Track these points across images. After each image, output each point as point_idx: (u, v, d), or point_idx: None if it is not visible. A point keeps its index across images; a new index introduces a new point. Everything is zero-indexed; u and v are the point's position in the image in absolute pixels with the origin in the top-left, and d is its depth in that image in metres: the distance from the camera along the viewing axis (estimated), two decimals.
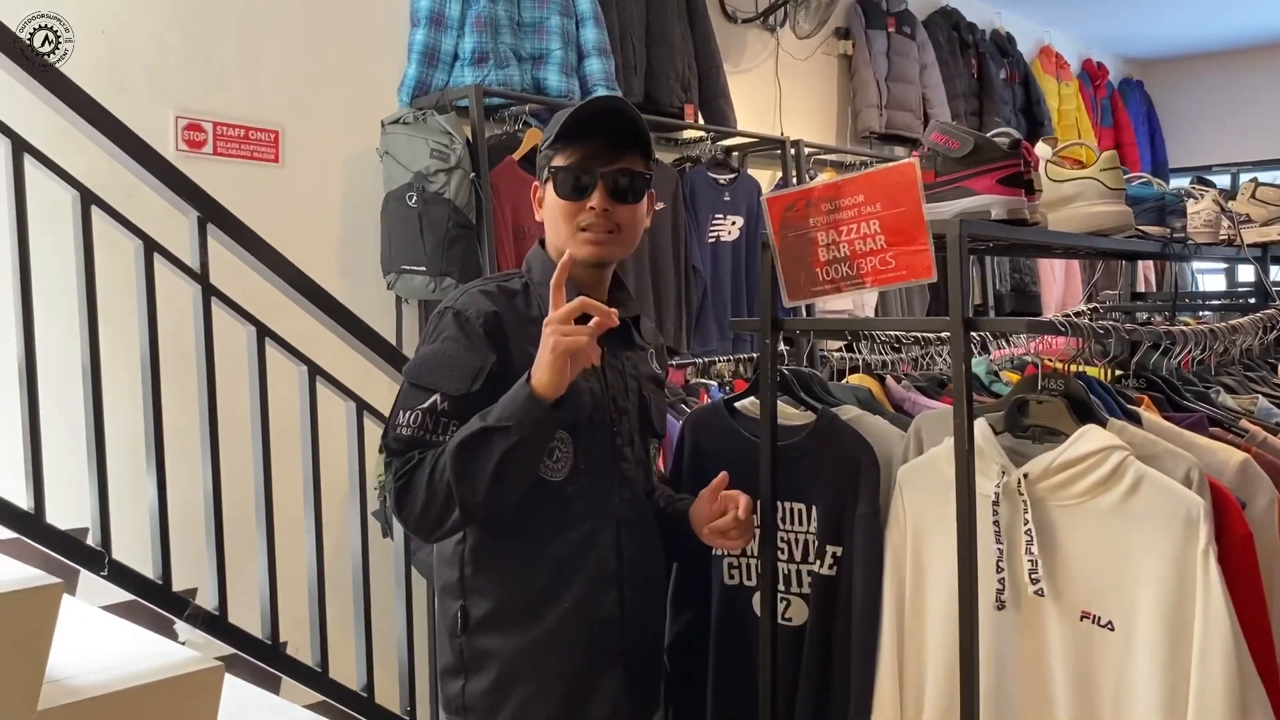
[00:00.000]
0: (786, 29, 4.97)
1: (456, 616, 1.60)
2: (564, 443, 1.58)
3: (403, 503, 1.50)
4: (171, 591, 2.19)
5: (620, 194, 1.61)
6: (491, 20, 3.59)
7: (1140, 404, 1.71)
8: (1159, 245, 2.15)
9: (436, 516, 1.48)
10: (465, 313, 1.56)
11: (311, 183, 3.38)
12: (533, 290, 1.64)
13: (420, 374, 1.54)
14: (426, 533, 1.53)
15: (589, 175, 1.59)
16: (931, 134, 1.70)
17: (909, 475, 1.68)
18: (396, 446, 1.52)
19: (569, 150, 1.61)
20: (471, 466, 1.44)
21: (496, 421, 1.45)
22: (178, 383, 2.31)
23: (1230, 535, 1.43)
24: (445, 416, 1.50)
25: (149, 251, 2.15)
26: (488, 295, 1.59)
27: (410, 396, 1.53)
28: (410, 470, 1.49)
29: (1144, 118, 7.71)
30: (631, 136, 1.62)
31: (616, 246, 1.63)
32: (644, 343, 1.76)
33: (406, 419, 1.51)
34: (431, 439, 1.50)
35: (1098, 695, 1.49)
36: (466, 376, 1.52)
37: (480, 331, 1.54)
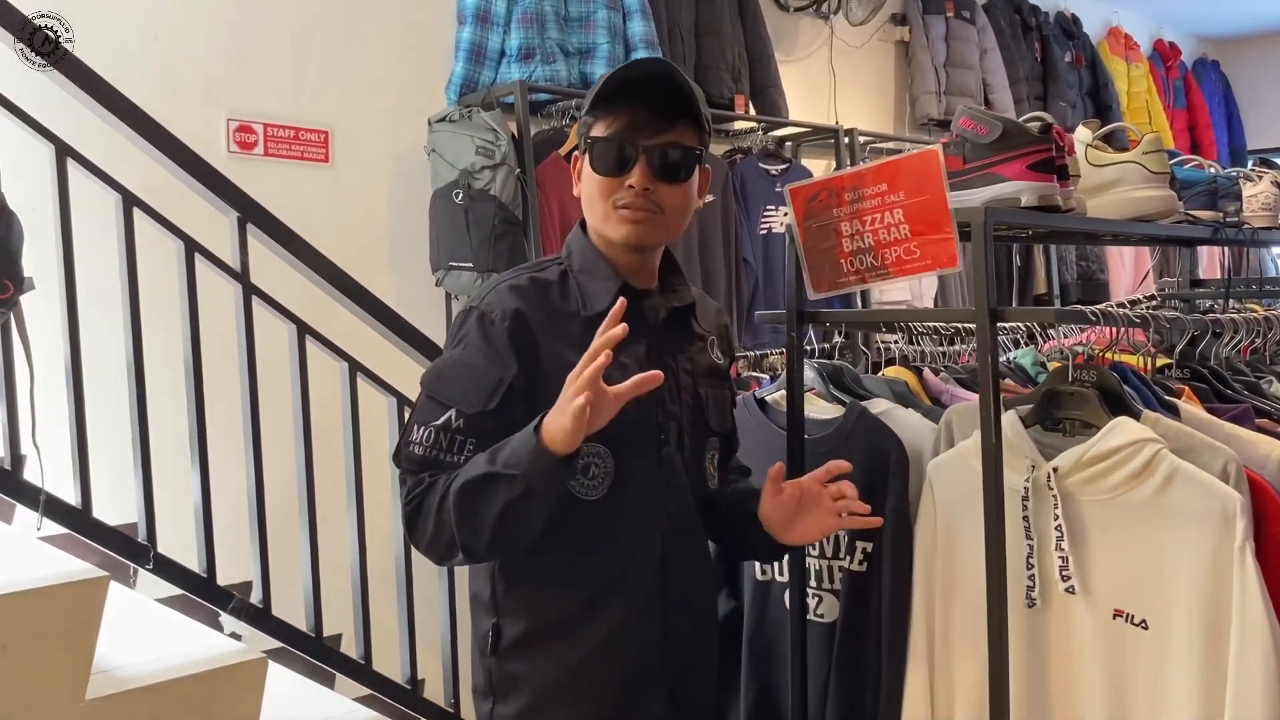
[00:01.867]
0: (840, 16, 4.90)
1: (488, 635, 1.46)
2: (601, 458, 1.41)
3: (413, 527, 1.38)
4: (216, 585, 2.23)
5: (667, 171, 1.42)
6: (538, 16, 3.60)
7: (1180, 395, 1.65)
8: (1210, 230, 2.07)
9: (444, 549, 1.37)
10: (490, 314, 1.41)
11: (361, 182, 3.42)
12: (571, 278, 1.47)
13: (437, 386, 1.41)
14: (438, 560, 1.42)
15: (631, 148, 1.41)
16: (959, 119, 1.65)
17: (939, 469, 1.64)
18: (409, 466, 1.40)
19: (610, 118, 1.42)
20: (474, 512, 1.32)
21: (503, 468, 1.30)
22: (221, 380, 2.35)
23: (1270, 531, 1.38)
24: (461, 434, 1.37)
25: (190, 252, 2.20)
26: (516, 292, 1.43)
27: (426, 411, 1.40)
28: (421, 494, 1.37)
29: (1220, 99, 7.45)
30: (682, 105, 1.43)
31: (659, 230, 1.45)
32: (703, 330, 1.58)
33: (420, 436, 1.38)
34: (445, 458, 1.37)
35: (1132, 696, 1.45)
36: (484, 392, 1.37)
37: (504, 335, 1.39)
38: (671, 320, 1.51)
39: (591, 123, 1.45)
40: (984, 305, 1.48)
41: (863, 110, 5.10)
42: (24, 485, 2.04)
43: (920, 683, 1.62)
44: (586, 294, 1.44)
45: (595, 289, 1.44)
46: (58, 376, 2.12)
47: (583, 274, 1.46)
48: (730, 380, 1.65)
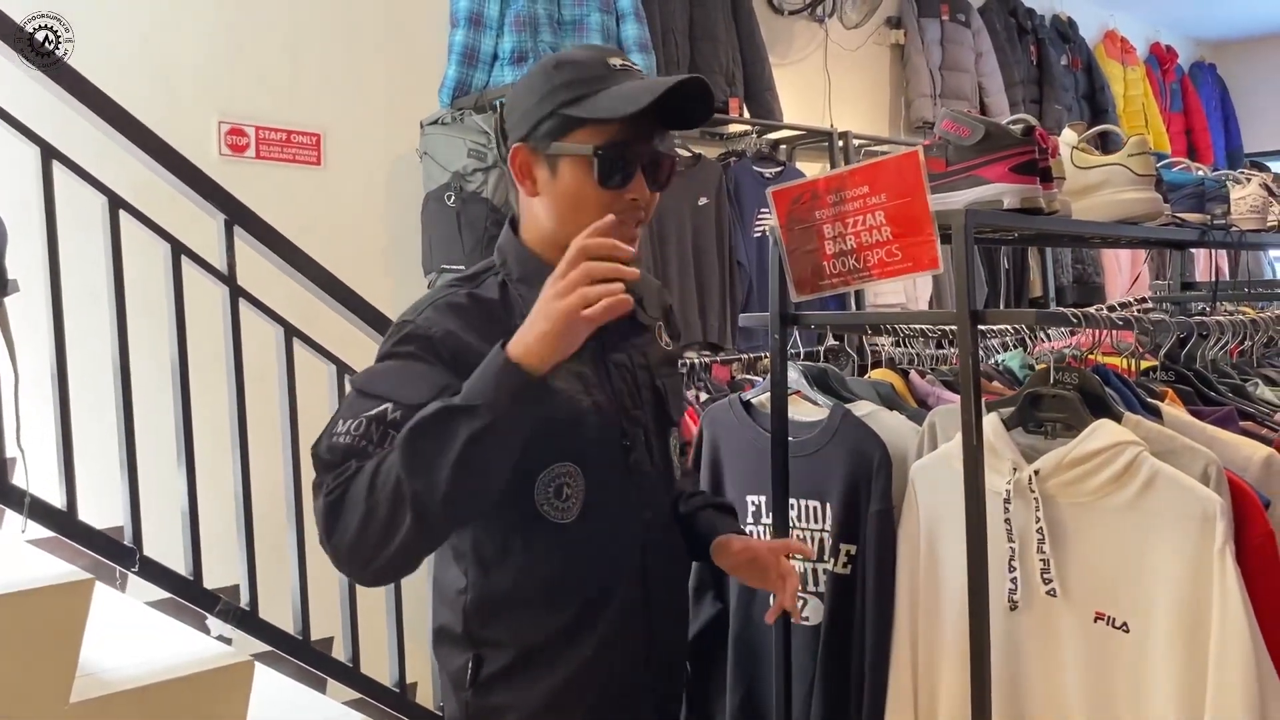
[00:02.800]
0: (834, 20, 4.90)
1: (465, 668, 1.34)
2: (573, 478, 1.31)
3: (333, 523, 1.17)
4: (203, 588, 2.23)
5: (658, 180, 1.33)
6: (531, 19, 3.60)
7: (1163, 398, 1.65)
8: (1198, 233, 2.07)
9: (379, 534, 1.15)
10: (428, 331, 1.27)
11: (353, 184, 3.42)
12: (511, 290, 1.35)
13: (371, 382, 1.25)
14: (363, 561, 1.18)
15: (636, 159, 1.29)
16: (942, 122, 1.65)
17: (922, 472, 1.64)
18: (330, 457, 1.20)
19: (617, 125, 1.27)
20: (428, 453, 1.13)
21: (462, 401, 1.14)
22: (208, 382, 2.35)
23: (1250, 534, 1.37)
24: (394, 429, 1.19)
25: (176, 254, 2.20)
26: (455, 311, 1.29)
27: (356, 404, 1.23)
28: (345, 482, 1.17)
29: (1217, 102, 7.46)
30: (682, 112, 1.32)
31: (638, 238, 1.36)
32: (650, 318, 1.49)
33: (346, 426, 1.20)
34: (374, 450, 1.19)
35: (1113, 699, 1.44)
36: (424, 388, 1.22)
37: (447, 356, 1.26)
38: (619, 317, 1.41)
39: (579, 124, 1.27)
40: (964, 307, 1.48)
41: (857, 113, 5.10)
42: (9, 488, 2.03)
43: (904, 684, 1.62)
44: (530, 307, 1.26)
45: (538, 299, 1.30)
46: (43, 379, 2.12)
47: (523, 283, 1.34)
48: (679, 362, 1.59)
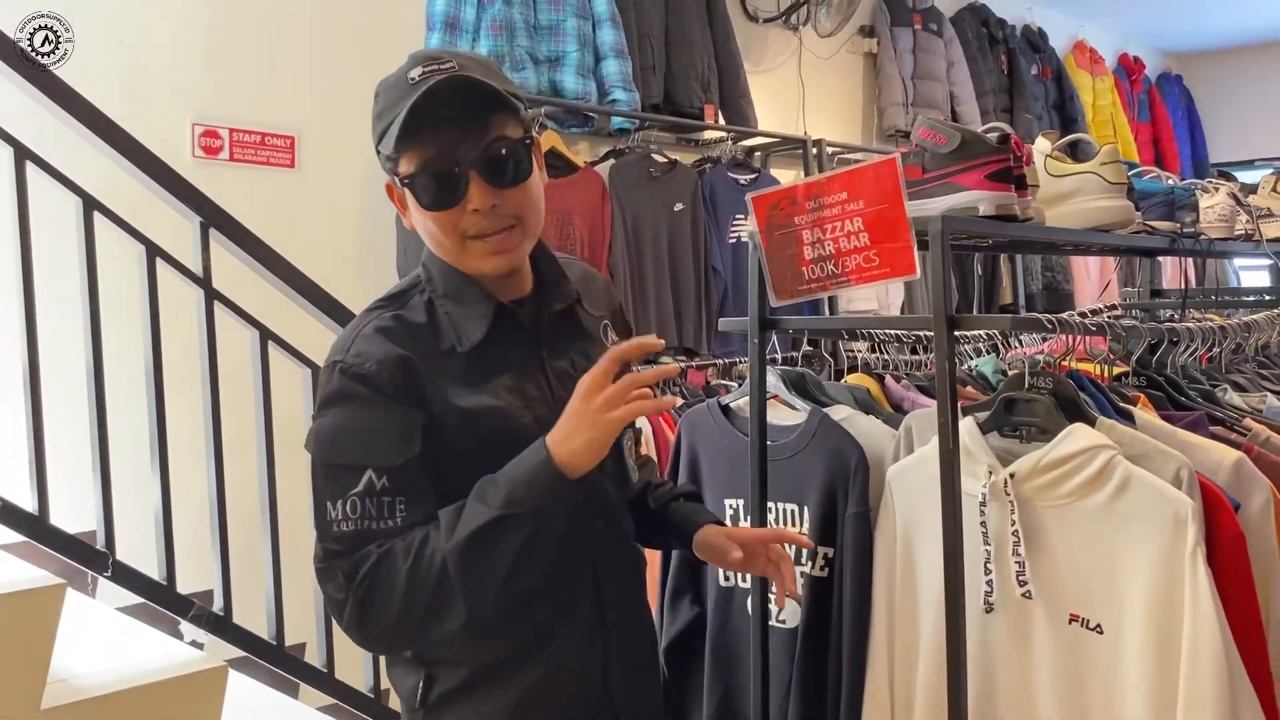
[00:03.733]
0: (809, 28, 4.93)
1: (417, 688, 1.29)
2: None
3: (367, 609, 1.16)
4: (176, 592, 2.21)
5: (502, 176, 1.23)
6: (507, 23, 3.60)
7: (1136, 402, 1.67)
8: (1168, 241, 2.10)
9: (418, 626, 1.17)
10: (362, 367, 1.20)
11: (328, 188, 3.41)
12: (438, 309, 1.28)
13: (336, 452, 1.20)
14: (402, 644, 1.24)
15: (456, 169, 1.21)
16: (918, 130, 1.67)
17: (898, 475, 1.66)
18: (340, 548, 1.17)
19: (415, 148, 1.22)
20: (483, 570, 1.14)
21: (508, 507, 1.14)
22: (183, 386, 2.34)
23: (1221, 536, 1.40)
24: (388, 495, 1.17)
25: (152, 256, 2.18)
26: (385, 335, 1.23)
27: (334, 482, 1.18)
28: (373, 569, 1.15)
29: (1183, 113, 7.57)
30: (488, 102, 1.23)
31: (523, 240, 1.27)
32: (592, 319, 1.42)
33: (340, 511, 1.17)
34: (379, 525, 1.17)
35: (1087, 699, 1.46)
36: (397, 440, 1.19)
37: (388, 385, 1.20)
38: (557, 321, 1.36)
39: (395, 158, 1.23)
40: (941, 312, 1.49)
41: (831, 121, 5.14)
42: None
43: (881, 686, 1.64)
44: (459, 325, 1.26)
45: (467, 317, 1.27)
46: (15, 381, 2.10)
47: (449, 300, 1.28)
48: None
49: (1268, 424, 1.74)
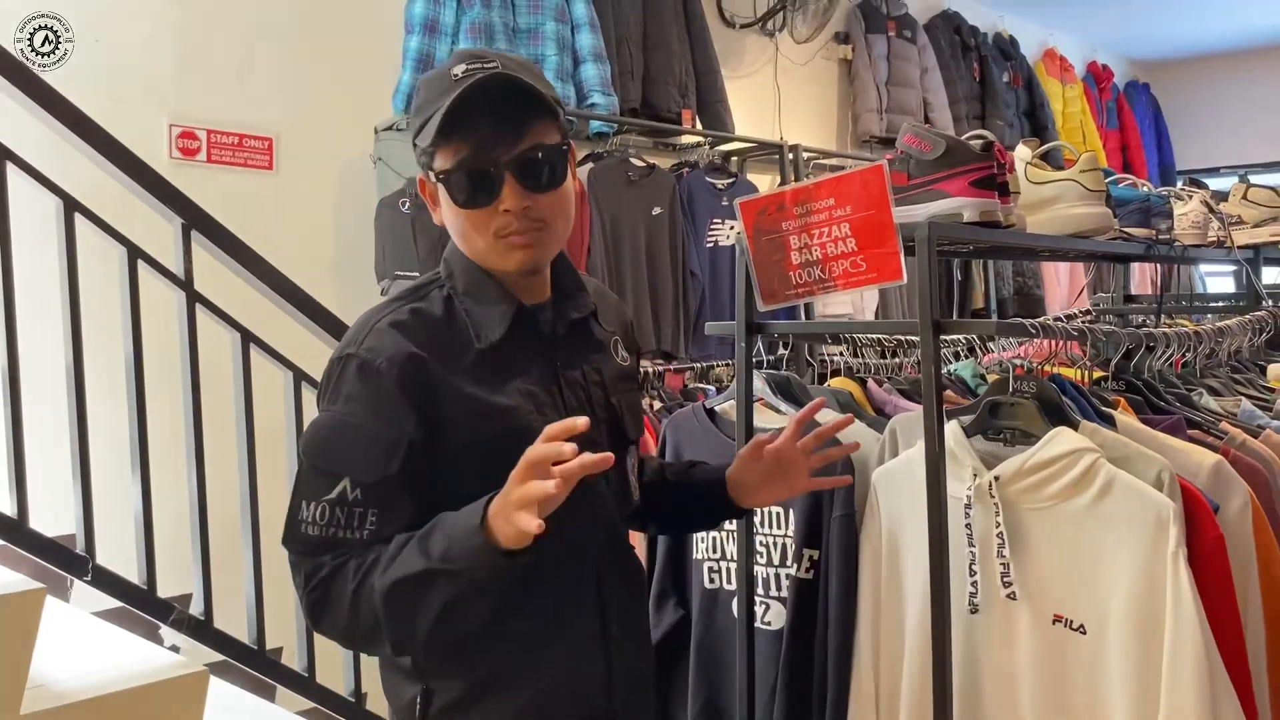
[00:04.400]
0: (785, 34, 4.97)
1: (415, 701, 1.27)
2: None
3: (319, 616, 1.20)
4: (157, 597, 2.19)
5: (537, 181, 1.24)
6: (486, 27, 3.60)
7: (1116, 406, 1.70)
8: (1144, 247, 2.14)
9: (363, 639, 1.21)
10: (373, 362, 1.20)
11: (305, 189, 3.40)
12: (457, 305, 1.28)
13: (322, 455, 1.21)
14: (353, 648, 1.32)
15: (493, 169, 1.22)
16: (904, 137, 1.69)
17: (884, 478, 1.68)
18: (303, 549, 1.21)
19: (453, 144, 1.22)
20: (411, 613, 1.16)
21: (440, 562, 1.13)
22: (164, 389, 2.32)
23: (1201, 538, 1.42)
24: (360, 506, 1.19)
25: (133, 258, 2.17)
26: (399, 329, 1.23)
27: (313, 484, 1.21)
28: (325, 580, 1.19)
29: (1150, 120, 7.68)
30: (531, 105, 1.24)
31: (549, 243, 1.28)
32: (606, 332, 1.42)
33: (311, 514, 1.19)
34: (344, 535, 1.19)
35: (1070, 699, 1.48)
36: (380, 456, 1.19)
37: (394, 386, 1.20)
38: (572, 331, 1.36)
39: (432, 152, 1.24)
40: (928, 317, 1.52)
41: (806, 127, 5.17)
42: None
43: (866, 687, 1.65)
44: (478, 322, 1.27)
45: (487, 315, 1.28)
46: None
47: (469, 298, 1.28)
48: (638, 380, 1.54)
49: (1243, 427, 1.78)
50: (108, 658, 2.16)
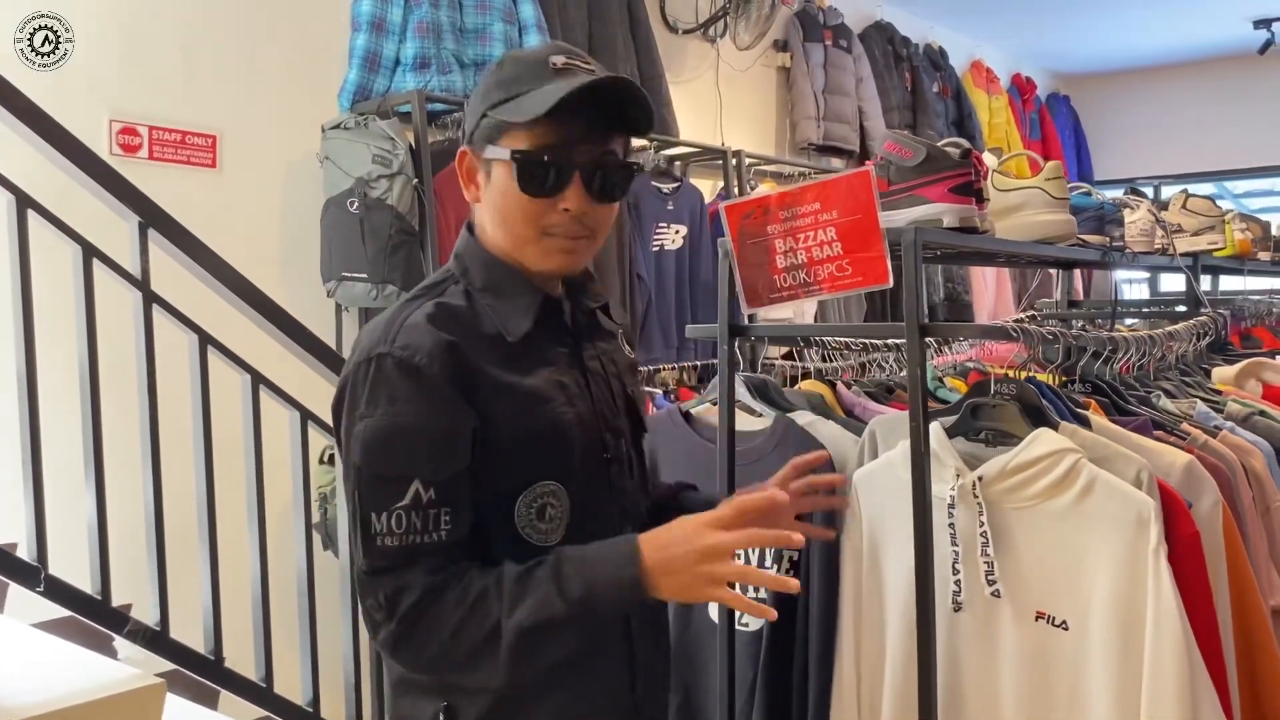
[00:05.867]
0: (727, 40, 5.01)
1: (436, 718, 1.23)
2: (557, 496, 1.23)
3: (406, 644, 1.14)
4: (111, 607, 2.12)
5: (605, 192, 1.23)
6: (434, 26, 3.57)
7: (1088, 408, 1.75)
8: (1099, 253, 2.20)
9: (452, 671, 1.17)
10: (412, 359, 1.15)
11: (250, 188, 3.32)
12: (476, 300, 1.25)
13: (382, 461, 1.15)
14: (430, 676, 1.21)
15: (567, 166, 1.20)
16: (885, 143, 1.72)
17: (865, 479, 1.70)
18: (385, 564, 1.14)
19: (541, 128, 1.18)
20: (539, 653, 1.13)
21: (582, 606, 1.12)
22: (117, 392, 2.25)
23: (1179, 535, 1.47)
24: (434, 507, 1.14)
25: (88, 257, 2.09)
26: (434, 322, 1.19)
27: (378, 493, 1.14)
28: (417, 607, 1.13)
29: (1070, 131, 7.92)
30: (625, 116, 1.24)
31: (588, 254, 1.27)
32: (614, 325, 1.42)
33: (385, 524, 1.13)
34: (424, 540, 1.14)
35: (1052, 693, 1.52)
36: (446, 451, 1.15)
37: (441, 380, 1.15)
38: (588, 322, 1.36)
39: (506, 127, 1.20)
40: (914, 321, 1.54)
41: (747, 133, 5.22)
42: None
43: (849, 687, 1.67)
44: (502, 315, 1.24)
45: (512, 309, 1.25)
46: None
47: (488, 293, 1.25)
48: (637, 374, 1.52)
49: (1202, 428, 1.84)
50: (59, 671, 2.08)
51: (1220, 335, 2.60)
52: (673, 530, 1.15)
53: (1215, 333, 2.41)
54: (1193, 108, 7.82)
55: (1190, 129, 7.81)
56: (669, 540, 1.13)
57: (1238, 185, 8.29)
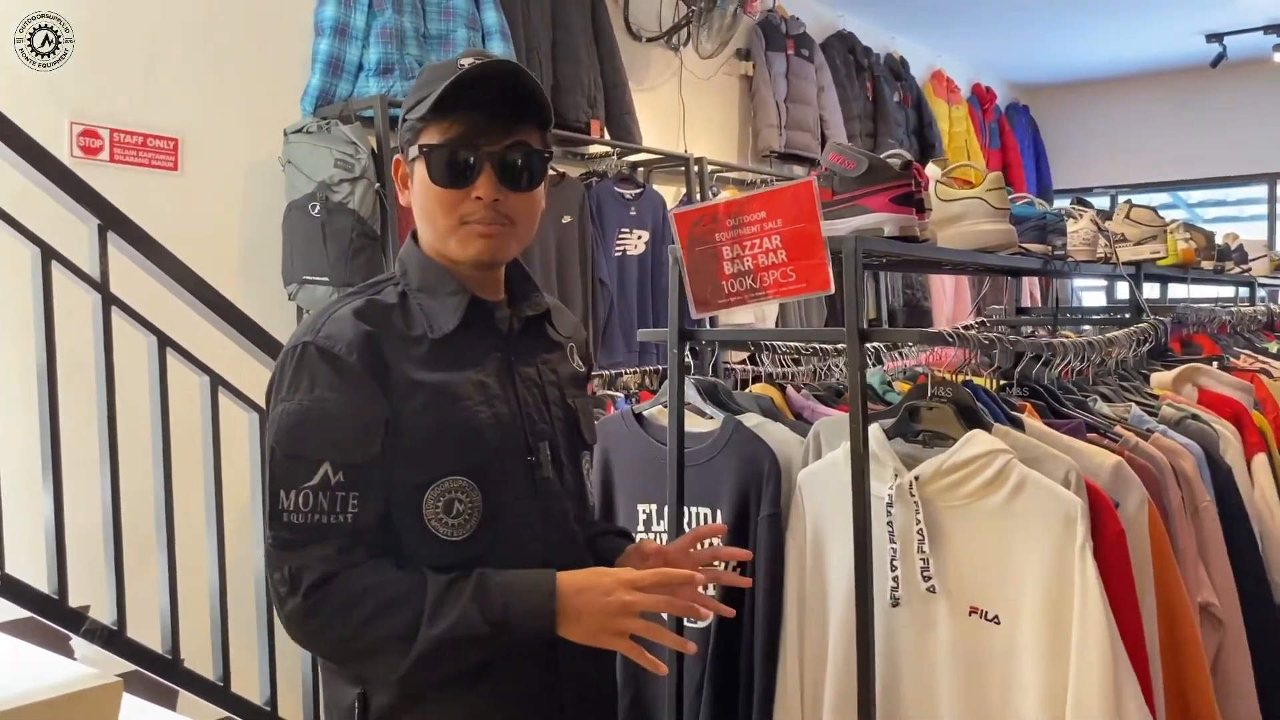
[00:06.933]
0: (690, 49, 5.07)
1: (353, 707, 1.27)
2: (466, 492, 1.26)
3: (309, 621, 1.19)
4: (68, 607, 2.14)
5: (514, 178, 1.28)
6: (397, 32, 3.60)
7: (1023, 411, 1.81)
8: (1041, 262, 2.27)
9: (351, 657, 1.22)
10: (333, 349, 1.21)
11: (211, 191, 3.34)
12: (411, 300, 1.31)
13: (297, 441, 1.20)
14: (330, 659, 1.27)
15: (474, 156, 1.26)
16: (829, 154, 1.77)
17: (809, 479, 1.75)
18: (291, 537, 1.18)
19: (445, 122, 1.26)
20: (446, 663, 1.20)
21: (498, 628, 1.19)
22: (75, 393, 2.26)
23: (1105, 533, 1.53)
24: (342, 490, 1.19)
25: (47, 259, 2.11)
26: (358, 315, 1.25)
27: (288, 472, 1.19)
28: (321, 586, 1.18)
29: (1030, 141, 8.05)
30: (526, 104, 1.29)
31: (511, 241, 1.31)
32: (561, 337, 1.45)
33: (292, 502, 1.18)
34: (329, 520, 1.18)
35: (985, 685, 1.57)
36: (358, 437, 1.20)
37: (359, 370, 1.21)
38: (527, 330, 1.39)
39: (420, 127, 1.28)
40: (854, 326, 1.60)
41: (709, 140, 5.28)
42: None
43: (792, 680, 1.72)
44: (431, 314, 1.29)
45: (440, 307, 1.30)
46: None
47: (423, 292, 1.31)
48: (590, 391, 1.57)
49: (1135, 431, 1.91)
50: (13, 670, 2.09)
51: (1160, 341, 2.68)
52: (591, 579, 1.23)
53: (1155, 339, 2.49)
54: (1148, 119, 7.98)
55: (1146, 140, 7.97)
56: (586, 586, 1.22)
57: (1192, 195, 8.46)
